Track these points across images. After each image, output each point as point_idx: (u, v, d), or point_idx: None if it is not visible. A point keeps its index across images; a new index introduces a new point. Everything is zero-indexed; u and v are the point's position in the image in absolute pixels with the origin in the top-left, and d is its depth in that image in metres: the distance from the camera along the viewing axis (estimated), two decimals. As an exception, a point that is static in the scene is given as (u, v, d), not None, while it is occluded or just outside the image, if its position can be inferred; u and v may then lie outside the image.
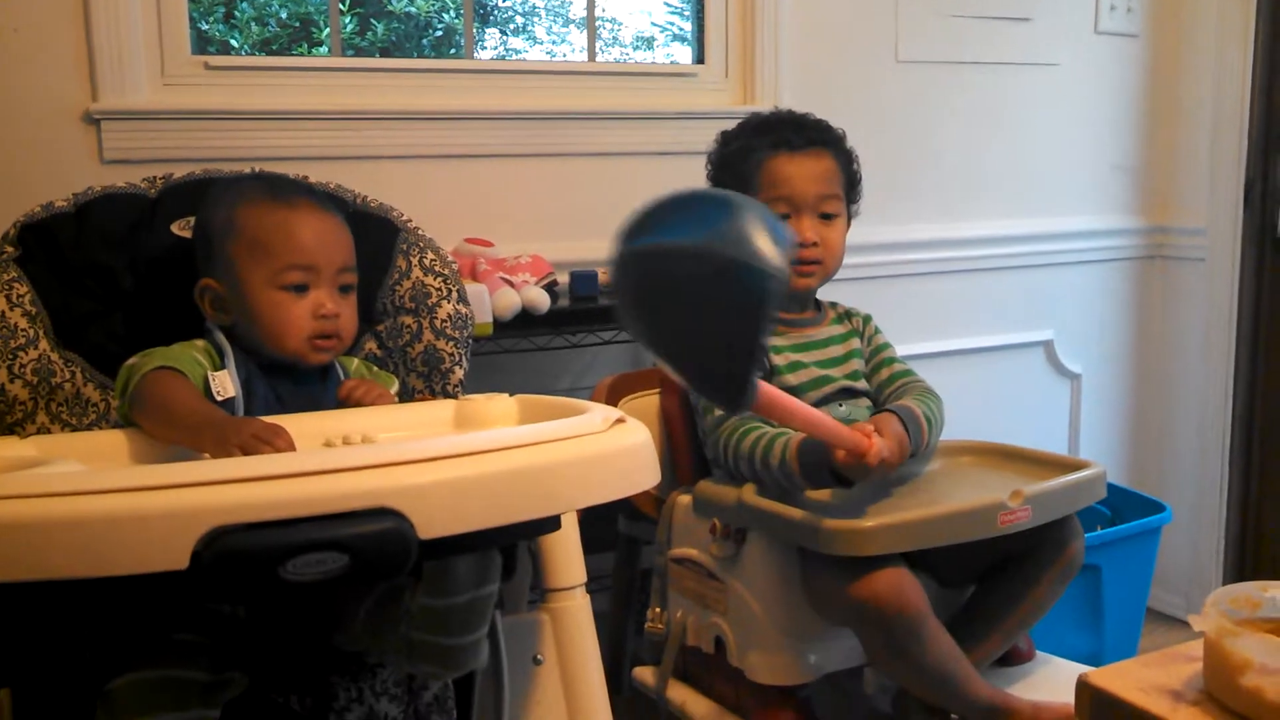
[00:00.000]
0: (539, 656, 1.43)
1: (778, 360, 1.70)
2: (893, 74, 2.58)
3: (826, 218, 1.73)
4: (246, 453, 1.12)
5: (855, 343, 1.78)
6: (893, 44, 2.57)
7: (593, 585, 1.50)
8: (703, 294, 1.06)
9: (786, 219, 1.71)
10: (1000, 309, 2.79)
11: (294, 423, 1.29)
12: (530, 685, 1.42)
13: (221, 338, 1.36)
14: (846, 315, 1.82)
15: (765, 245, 1.04)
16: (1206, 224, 2.84)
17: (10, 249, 1.35)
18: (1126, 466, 3.03)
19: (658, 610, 1.75)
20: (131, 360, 1.29)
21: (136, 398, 1.25)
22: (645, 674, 1.78)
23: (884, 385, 1.75)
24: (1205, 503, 2.89)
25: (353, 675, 1.25)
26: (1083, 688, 1.03)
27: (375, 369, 1.49)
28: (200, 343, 1.34)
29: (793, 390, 1.67)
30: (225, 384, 1.31)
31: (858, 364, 1.76)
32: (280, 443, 1.14)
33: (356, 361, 1.48)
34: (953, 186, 2.69)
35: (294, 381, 1.38)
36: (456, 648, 1.20)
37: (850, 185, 1.79)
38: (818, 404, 1.69)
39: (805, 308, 1.79)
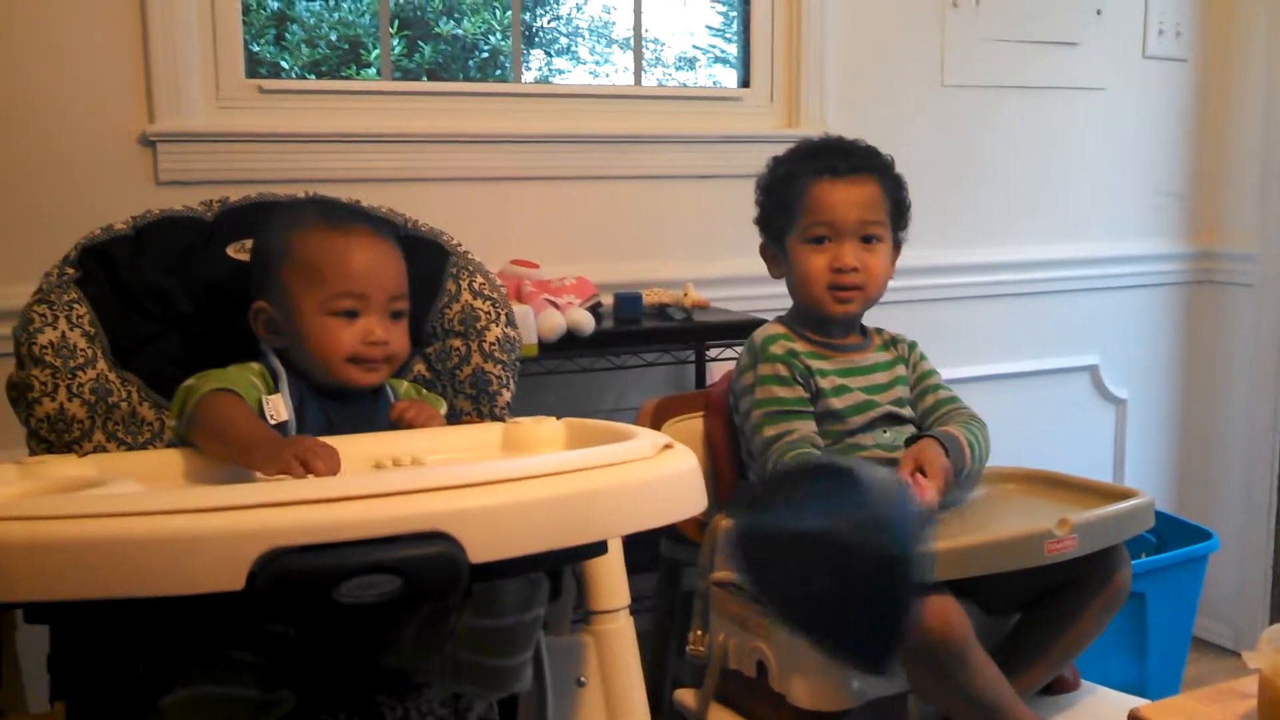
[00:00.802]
0: (582, 678, 1.43)
1: (823, 384, 1.70)
2: (938, 98, 2.57)
3: (869, 243, 1.74)
4: (297, 467, 1.13)
5: (901, 369, 1.79)
6: (938, 68, 2.57)
7: (634, 607, 1.50)
8: (845, 578, 1.07)
9: (827, 242, 1.72)
10: (1046, 334, 2.77)
11: (344, 444, 1.30)
12: (573, 707, 1.42)
13: (275, 360, 1.38)
14: (892, 342, 1.82)
15: (909, 533, 1.06)
16: (1256, 249, 2.81)
17: (71, 270, 1.38)
18: (1172, 494, 3.00)
19: (699, 633, 1.75)
20: (189, 382, 1.31)
21: (194, 418, 1.27)
22: (686, 696, 1.78)
23: (929, 412, 1.75)
24: (1252, 531, 2.85)
25: (399, 695, 1.26)
26: (1133, 722, 1.02)
27: (424, 391, 1.51)
28: (256, 365, 1.36)
29: (837, 414, 1.68)
30: (279, 407, 1.32)
31: (902, 391, 1.76)
32: (327, 461, 1.15)
33: (406, 384, 1.50)
34: (998, 211, 2.68)
35: (345, 404, 1.40)
36: (502, 669, 1.20)
37: (897, 212, 1.79)
38: (862, 429, 1.69)
39: (849, 333, 1.79)
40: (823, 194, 1.73)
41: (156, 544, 0.89)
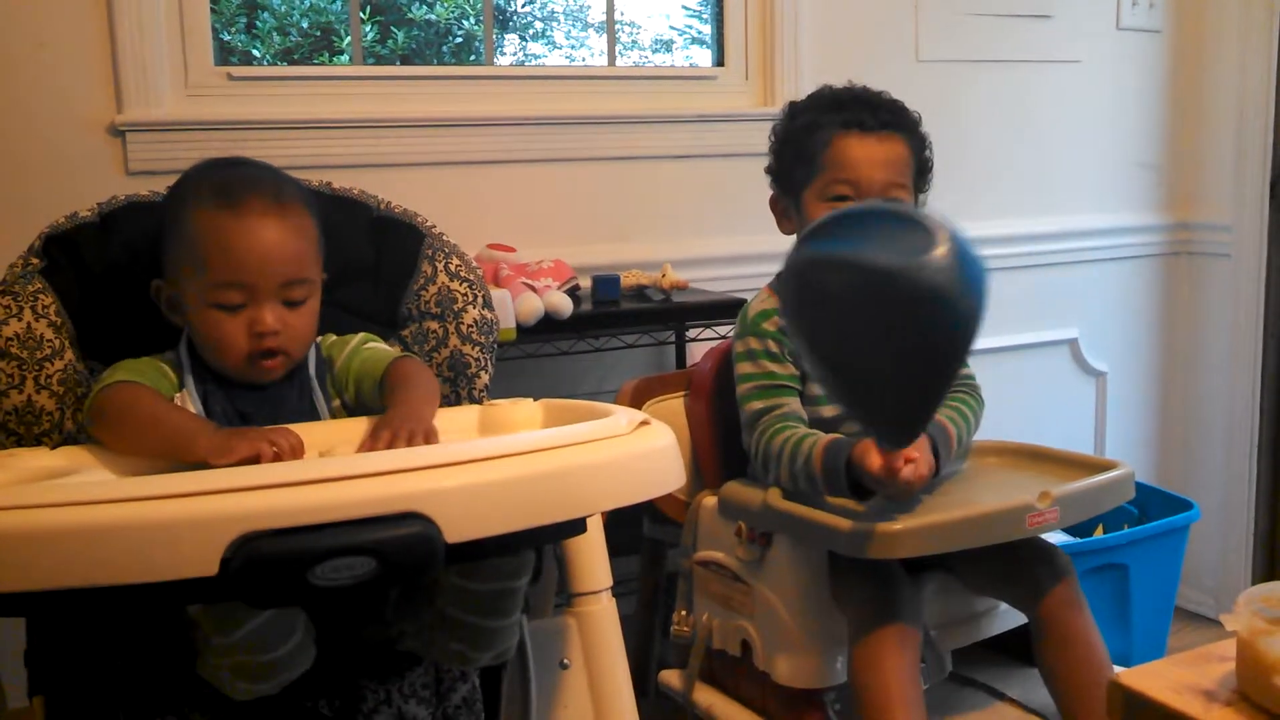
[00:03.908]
0: (566, 660, 1.43)
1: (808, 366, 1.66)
2: (913, 74, 2.57)
3: None
4: (267, 449, 1.11)
5: None
6: (913, 44, 2.56)
7: (618, 589, 1.50)
8: (890, 316, 0.96)
9: (847, 201, 1.62)
10: (1024, 308, 2.77)
11: (315, 431, 1.29)
12: (557, 689, 1.42)
13: (183, 351, 1.32)
14: None
15: (969, 279, 0.93)
16: (1232, 220, 2.82)
17: (35, 261, 1.35)
18: (1153, 464, 3.01)
19: (683, 613, 1.75)
20: (103, 375, 1.28)
21: (100, 411, 1.23)
22: (671, 677, 1.78)
23: None
24: (1233, 501, 2.86)
25: (381, 678, 1.26)
26: (1115, 689, 1.02)
27: (339, 336, 1.44)
28: (170, 355, 1.32)
29: (816, 399, 1.65)
30: (186, 406, 1.27)
31: None
32: (291, 441, 1.12)
33: (333, 338, 1.43)
34: (975, 185, 2.67)
35: (260, 391, 1.34)
36: (488, 629, 1.20)
37: (921, 173, 1.70)
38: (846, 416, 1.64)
39: None
40: (848, 150, 1.63)
41: (127, 531, 0.88)
